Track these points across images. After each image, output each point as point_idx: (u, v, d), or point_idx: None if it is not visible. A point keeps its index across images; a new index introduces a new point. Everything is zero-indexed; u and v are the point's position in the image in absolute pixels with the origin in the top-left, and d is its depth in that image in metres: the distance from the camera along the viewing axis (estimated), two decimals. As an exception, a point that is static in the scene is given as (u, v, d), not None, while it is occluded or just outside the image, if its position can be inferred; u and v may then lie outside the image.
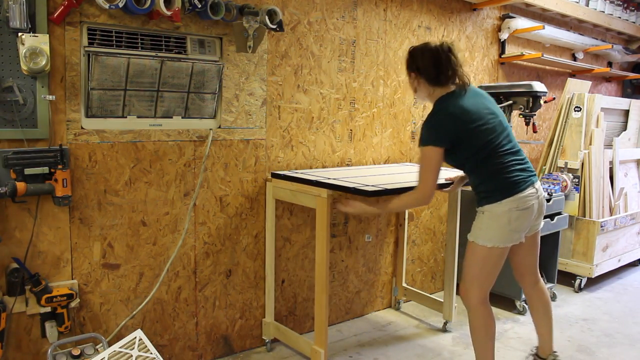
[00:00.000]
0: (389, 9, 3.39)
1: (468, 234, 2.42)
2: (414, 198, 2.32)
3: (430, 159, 2.25)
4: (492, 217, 2.30)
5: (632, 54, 5.49)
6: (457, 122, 2.24)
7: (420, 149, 2.29)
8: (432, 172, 2.25)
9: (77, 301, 2.30)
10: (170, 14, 2.31)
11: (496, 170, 2.28)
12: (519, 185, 2.29)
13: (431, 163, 2.25)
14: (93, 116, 2.32)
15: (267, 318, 2.96)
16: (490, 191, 2.30)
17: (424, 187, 2.28)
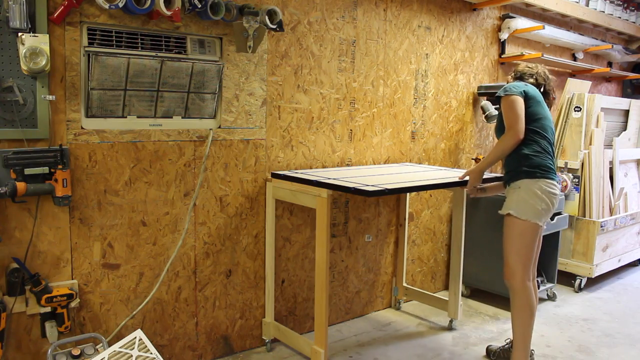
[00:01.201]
0: (389, 9, 3.39)
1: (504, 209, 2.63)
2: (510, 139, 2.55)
3: (515, 102, 2.57)
4: (529, 192, 2.56)
5: (632, 54, 5.49)
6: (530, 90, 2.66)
7: (504, 100, 2.61)
8: (520, 115, 2.55)
9: (77, 301, 2.30)
10: (170, 14, 2.31)
11: (542, 149, 2.60)
12: (552, 171, 2.61)
13: (517, 106, 2.56)
14: (93, 116, 2.32)
15: (267, 318, 2.96)
16: (531, 167, 2.57)
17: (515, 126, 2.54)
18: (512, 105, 2.59)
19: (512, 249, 2.61)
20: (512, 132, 2.56)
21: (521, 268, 2.59)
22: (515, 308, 2.64)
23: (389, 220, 3.57)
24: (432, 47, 3.69)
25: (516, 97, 2.60)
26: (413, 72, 3.58)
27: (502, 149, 2.60)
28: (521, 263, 2.59)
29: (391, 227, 3.59)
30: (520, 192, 2.59)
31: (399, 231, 3.61)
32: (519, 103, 2.58)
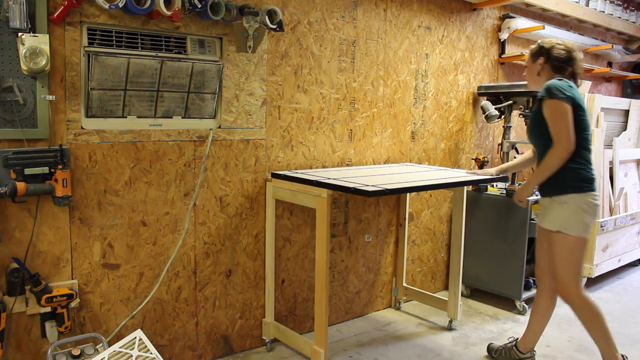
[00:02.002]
0: (389, 9, 3.39)
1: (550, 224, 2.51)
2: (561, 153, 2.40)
3: (566, 111, 2.39)
4: (579, 207, 2.45)
5: (632, 54, 5.49)
6: (576, 94, 2.45)
7: (550, 104, 2.41)
8: (571, 126, 2.39)
9: (77, 301, 2.30)
10: (170, 14, 2.31)
11: (586, 161, 2.50)
12: (595, 182, 2.53)
13: (568, 116, 2.39)
14: (93, 116, 2.32)
15: (267, 318, 2.96)
16: (579, 180, 2.46)
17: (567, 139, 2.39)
18: (563, 114, 2.40)
19: (564, 266, 2.50)
20: (563, 146, 2.40)
21: (575, 283, 2.49)
22: (583, 322, 2.56)
23: (389, 220, 3.57)
24: (432, 47, 3.69)
25: (565, 104, 2.39)
26: (413, 72, 3.58)
27: (553, 165, 2.44)
28: (574, 279, 2.49)
29: (391, 227, 3.59)
30: (569, 207, 2.46)
31: (399, 231, 3.61)
32: (569, 112, 2.39)
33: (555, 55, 2.57)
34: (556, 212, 2.50)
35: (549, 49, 2.59)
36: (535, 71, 2.63)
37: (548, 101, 2.42)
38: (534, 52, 2.66)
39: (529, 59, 2.67)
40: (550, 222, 2.53)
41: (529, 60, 2.67)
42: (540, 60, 2.60)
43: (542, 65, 2.60)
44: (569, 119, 2.39)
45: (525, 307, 3.59)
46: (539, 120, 2.51)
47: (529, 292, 3.65)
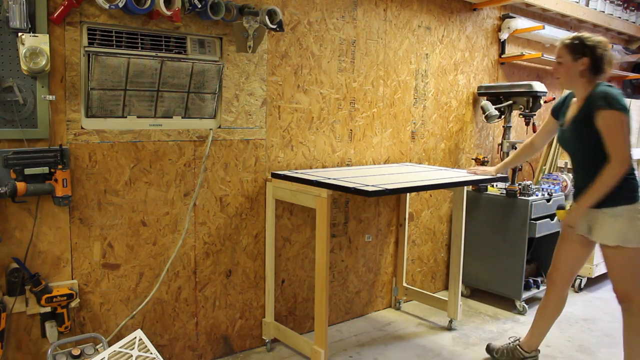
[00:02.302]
0: (389, 9, 3.39)
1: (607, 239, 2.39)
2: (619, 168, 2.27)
3: (625, 123, 2.26)
4: (633, 219, 2.34)
5: (632, 54, 5.49)
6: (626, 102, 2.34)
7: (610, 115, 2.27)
8: (628, 138, 2.27)
9: (77, 301, 2.30)
10: (170, 14, 2.31)
11: (633, 171, 2.37)
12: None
13: (626, 128, 2.26)
14: (93, 116, 2.32)
15: (267, 318, 2.96)
16: (629, 191, 2.35)
17: (626, 153, 2.26)
18: (622, 126, 2.27)
19: (624, 277, 2.41)
20: (622, 161, 2.26)
21: (637, 291, 2.41)
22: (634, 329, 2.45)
23: (389, 220, 3.57)
24: (432, 47, 3.69)
25: (625, 117, 2.26)
26: (413, 72, 3.58)
27: (611, 182, 2.29)
28: (636, 287, 2.41)
29: (391, 227, 3.59)
30: (624, 220, 2.34)
31: (399, 231, 3.61)
32: (627, 124, 2.27)
33: (599, 56, 2.40)
34: (611, 226, 2.38)
35: (592, 47, 2.39)
36: (575, 72, 2.42)
37: (607, 112, 2.27)
38: (574, 49, 2.42)
39: (568, 57, 2.43)
40: (606, 237, 2.40)
41: (568, 59, 2.43)
42: (584, 60, 2.39)
43: (585, 66, 2.40)
44: (628, 132, 2.27)
45: (525, 307, 3.59)
46: (588, 130, 2.35)
47: (529, 292, 3.65)
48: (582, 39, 2.42)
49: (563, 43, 2.46)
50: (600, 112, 2.29)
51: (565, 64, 2.44)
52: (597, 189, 2.32)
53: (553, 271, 2.73)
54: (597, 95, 2.34)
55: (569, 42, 2.43)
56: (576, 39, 2.42)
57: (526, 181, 3.63)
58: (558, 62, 2.48)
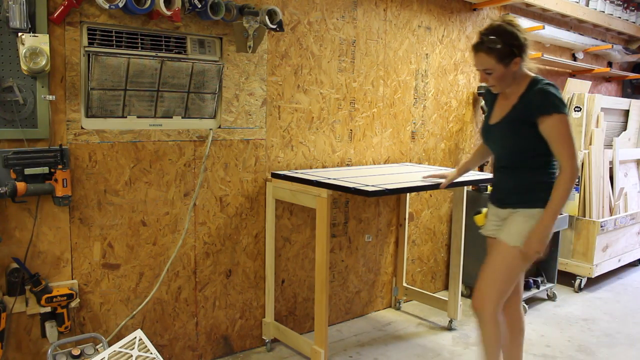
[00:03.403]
0: (389, 9, 3.39)
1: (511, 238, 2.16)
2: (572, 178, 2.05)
3: (569, 127, 2.05)
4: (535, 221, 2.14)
5: (632, 54, 5.49)
6: None
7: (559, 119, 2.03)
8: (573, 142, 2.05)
9: (77, 301, 2.30)
10: (170, 14, 2.31)
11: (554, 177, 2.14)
12: None
13: (570, 132, 2.05)
14: (93, 116, 2.32)
15: (267, 318, 2.96)
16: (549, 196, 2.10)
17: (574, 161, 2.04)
18: (570, 130, 2.05)
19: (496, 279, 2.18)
20: (573, 169, 2.04)
21: (497, 300, 2.18)
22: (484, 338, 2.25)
23: (389, 220, 3.57)
24: (432, 47, 3.69)
25: (568, 118, 2.06)
26: (413, 72, 3.58)
27: (569, 192, 2.07)
28: (499, 295, 2.19)
29: (391, 227, 3.59)
30: (532, 223, 2.14)
31: (399, 231, 3.61)
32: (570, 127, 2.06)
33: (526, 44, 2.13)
34: (521, 226, 2.15)
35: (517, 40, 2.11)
36: (509, 75, 2.13)
37: (555, 118, 2.03)
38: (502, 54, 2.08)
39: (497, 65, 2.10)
40: (512, 236, 2.17)
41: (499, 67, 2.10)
42: (516, 60, 2.10)
43: (518, 65, 2.12)
44: (571, 134, 2.06)
45: (525, 307, 3.59)
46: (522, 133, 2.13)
47: (529, 292, 3.65)
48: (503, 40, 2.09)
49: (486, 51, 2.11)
50: (547, 118, 2.04)
51: (496, 72, 2.12)
52: (557, 204, 2.07)
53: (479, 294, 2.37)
54: (538, 96, 2.09)
55: (492, 47, 2.09)
56: (496, 41, 2.09)
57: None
58: (486, 74, 2.15)
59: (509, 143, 2.20)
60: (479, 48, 2.15)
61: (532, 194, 2.16)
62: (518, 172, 2.19)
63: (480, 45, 2.14)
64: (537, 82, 2.13)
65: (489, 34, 2.13)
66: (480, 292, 2.22)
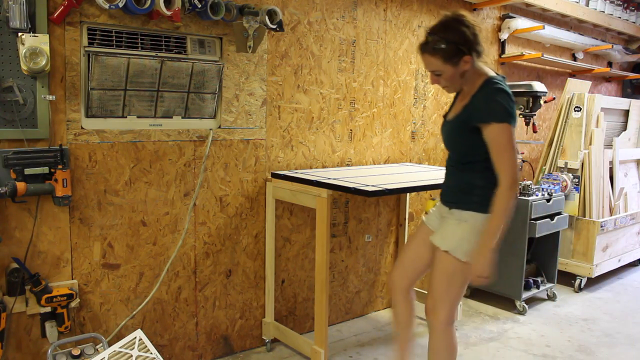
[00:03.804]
0: (389, 9, 3.39)
1: (441, 242, 2.10)
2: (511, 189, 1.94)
3: (508, 136, 1.92)
4: (474, 228, 2.04)
5: (632, 54, 5.49)
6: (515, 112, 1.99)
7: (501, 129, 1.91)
8: (515, 152, 1.94)
9: (77, 301, 2.30)
10: (170, 14, 2.31)
11: (496, 182, 1.98)
12: None
13: (513, 141, 1.93)
14: (93, 116, 2.32)
15: (267, 318, 2.96)
16: (486, 199, 2.00)
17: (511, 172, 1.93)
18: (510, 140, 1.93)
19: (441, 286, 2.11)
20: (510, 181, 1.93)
21: (449, 308, 2.11)
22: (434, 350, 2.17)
23: (389, 220, 3.57)
24: (432, 47, 3.68)
25: (512, 127, 1.94)
26: (413, 72, 3.58)
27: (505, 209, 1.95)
28: (450, 304, 2.12)
29: (391, 227, 3.59)
30: (466, 227, 2.04)
31: (399, 231, 3.60)
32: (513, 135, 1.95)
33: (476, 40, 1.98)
34: (452, 229, 2.08)
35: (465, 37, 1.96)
36: (459, 74, 2.01)
37: (494, 126, 1.92)
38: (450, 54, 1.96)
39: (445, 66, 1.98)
40: (442, 239, 2.09)
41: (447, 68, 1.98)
42: (466, 59, 1.97)
43: (469, 63, 1.98)
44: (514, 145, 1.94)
45: (525, 307, 3.59)
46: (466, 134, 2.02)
47: (529, 292, 3.65)
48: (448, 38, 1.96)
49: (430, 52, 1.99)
50: (487, 126, 1.94)
51: (446, 74, 2.01)
52: (495, 223, 1.96)
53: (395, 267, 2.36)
54: (481, 102, 1.97)
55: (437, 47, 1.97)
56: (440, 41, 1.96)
57: (526, 181, 3.63)
58: (436, 75, 2.04)
59: (455, 143, 2.14)
60: (423, 49, 2.02)
61: (466, 196, 2.07)
62: (460, 173, 2.12)
63: (425, 45, 2.01)
64: (488, 83, 2.00)
65: (432, 33, 2.00)
66: (432, 299, 2.14)
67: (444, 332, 2.13)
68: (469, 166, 2.08)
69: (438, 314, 2.12)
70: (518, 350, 3.06)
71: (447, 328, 2.13)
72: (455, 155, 2.17)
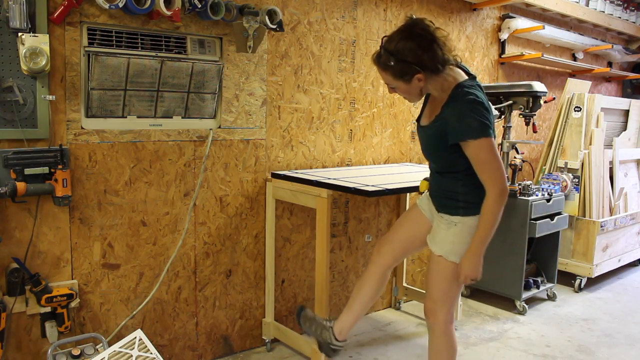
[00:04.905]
0: (389, 9, 3.39)
1: (434, 246, 2.12)
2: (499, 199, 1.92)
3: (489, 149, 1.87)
4: (464, 230, 2.03)
5: (632, 54, 5.49)
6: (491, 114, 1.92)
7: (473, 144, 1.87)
8: (499, 160, 1.90)
9: (77, 301, 2.30)
10: (170, 14, 2.31)
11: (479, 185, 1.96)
12: None
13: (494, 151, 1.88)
14: (93, 116, 2.32)
15: (267, 318, 2.96)
16: (471, 203, 2.01)
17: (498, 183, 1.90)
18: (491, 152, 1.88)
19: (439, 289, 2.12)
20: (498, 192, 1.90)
21: (446, 309, 2.13)
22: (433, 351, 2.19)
23: (389, 220, 3.57)
24: (432, 47, 3.68)
25: (492, 139, 1.88)
26: (413, 72, 3.58)
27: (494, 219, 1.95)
28: (447, 306, 2.13)
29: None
30: (455, 231, 2.04)
31: (399, 231, 3.60)
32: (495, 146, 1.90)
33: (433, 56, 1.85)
34: (443, 233, 2.08)
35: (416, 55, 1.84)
36: (416, 89, 1.94)
37: (472, 143, 1.87)
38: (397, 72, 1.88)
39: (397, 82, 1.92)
40: (435, 244, 2.10)
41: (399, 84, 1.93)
42: (419, 77, 1.87)
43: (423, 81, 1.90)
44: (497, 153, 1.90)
45: (525, 307, 3.59)
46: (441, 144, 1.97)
47: (529, 292, 3.65)
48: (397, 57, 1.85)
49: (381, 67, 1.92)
50: (464, 144, 1.88)
51: (399, 88, 1.96)
52: (485, 232, 1.96)
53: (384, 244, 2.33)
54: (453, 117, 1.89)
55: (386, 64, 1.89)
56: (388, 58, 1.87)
57: (526, 181, 3.63)
58: (391, 87, 1.99)
59: (433, 156, 2.11)
60: (376, 61, 1.94)
61: (451, 201, 2.06)
62: (442, 179, 2.10)
63: (377, 59, 1.92)
64: (459, 93, 1.91)
65: (384, 47, 1.89)
66: (431, 301, 2.15)
67: (444, 333, 2.15)
68: (450, 175, 2.06)
69: (437, 315, 2.13)
70: (518, 350, 3.06)
71: (447, 328, 2.15)
72: (433, 162, 2.14)
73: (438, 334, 2.16)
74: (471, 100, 1.87)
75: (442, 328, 2.14)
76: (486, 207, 1.94)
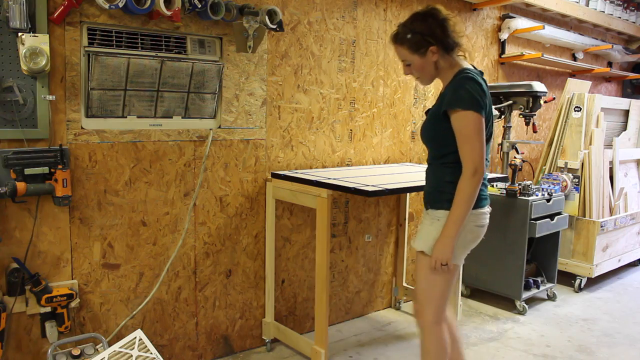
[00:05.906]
0: (389, 9, 3.39)
1: (417, 243, 2.10)
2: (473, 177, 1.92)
3: (481, 127, 1.92)
4: None
5: (632, 54, 5.49)
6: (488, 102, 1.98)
7: (465, 116, 1.90)
8: (482, 141, 1.93)
9: (77, 301, 2.30)
10: (170, 14, 2.31)
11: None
12: (484, 200, 2.08)
13: (480, 130, 1.92)
14: (93, 116, 2.32)
15: (267, 318, 2.96)
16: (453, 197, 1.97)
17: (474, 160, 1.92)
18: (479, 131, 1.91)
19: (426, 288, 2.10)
20: (472, 169, 1.91)
21: (434, 308, 2.09)
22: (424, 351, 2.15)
23: (389, 220, 3.57)
24: (432, 47, 3.68)
25: (481, 118, 1.92)
26: (413, 72, 3.58)
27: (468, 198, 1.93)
28: (435, 305, 2.09)
29: (391, 227, 3.59)
30: (438, 226, 2.01)
31: (399, 231, 3.61)
32: (481, 125, 1.93)
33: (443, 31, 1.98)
34: (426, 229, 2.06)
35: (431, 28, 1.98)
36: (430, 65, 2.02)
37: (461, 113, 1.90)
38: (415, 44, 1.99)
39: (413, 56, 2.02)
40: (418, 240, 2.10)
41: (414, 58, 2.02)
42: (433, 49, 1.98)
43: (437, 54, 1.99)
44: (481, 133, 1.92)
45: (525, 307, 3.59)
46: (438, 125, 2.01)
47: (529, 292, 3.65)
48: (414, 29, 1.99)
49: (399, 42, 2.04)
50: (453, 113, 1.93)
51: (415, 64, 2.04)
52: (458, 212, 1.94)
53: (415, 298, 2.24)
54: (449, 90, 1.98)
55: (403, 38, 2.01)
56: (405, 31, 2.01)
57: (526, 181, 3.64)
58: (406, 65, 2.08)
59: (427, 132, 2.12)
60: (393, 39, 2.07)
61: (439, 194, 2.04)
62: (435, 169, 2.09)
63: (395, 36, 2.06)
64: (461, 73, 1.99)
65: (401, 25, 2.05)
66: (416, 301, 2.16)
67: (432, 332, 2.11)
68: (441, 161, 2.05)
69: (424, 315, 2.12)
70: (518, 350, 3.06)
71: (434, 327, 2.11)
72: (429, 150, 2.14)
73: (426, 334, 2.13)
74: (469, 77, 1.97)
75: (429, 328, 2.11)
76: (459, 185, 1.95)
